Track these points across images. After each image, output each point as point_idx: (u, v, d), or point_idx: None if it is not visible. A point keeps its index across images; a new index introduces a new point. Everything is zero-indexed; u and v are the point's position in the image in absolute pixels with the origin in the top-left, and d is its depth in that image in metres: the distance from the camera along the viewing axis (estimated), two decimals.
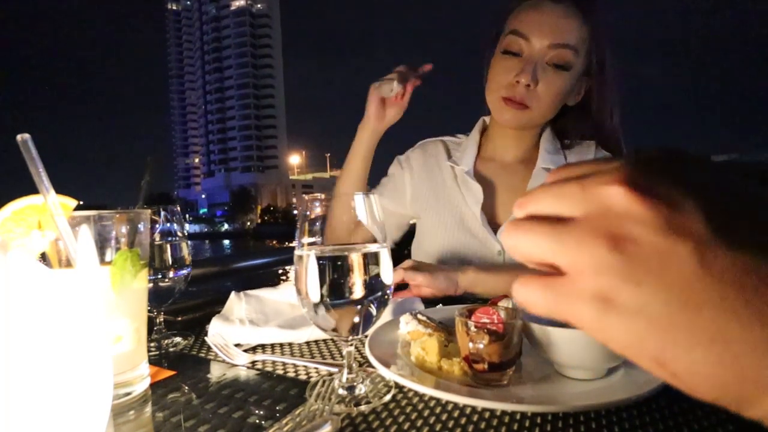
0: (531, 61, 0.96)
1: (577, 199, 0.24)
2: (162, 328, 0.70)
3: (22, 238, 0.49)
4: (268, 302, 0.74)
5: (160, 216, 0.70)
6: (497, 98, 1.02)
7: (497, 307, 0.49)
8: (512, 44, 0.99)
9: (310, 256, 0.47)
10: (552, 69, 0.97)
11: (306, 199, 0.50)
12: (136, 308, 0.51)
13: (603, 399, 0.42)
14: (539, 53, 0.96)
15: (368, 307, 0.47)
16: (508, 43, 1.00)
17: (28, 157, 0.48)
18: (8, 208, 0.50)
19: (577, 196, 0.24)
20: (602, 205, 0.23)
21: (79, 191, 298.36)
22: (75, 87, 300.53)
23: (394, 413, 0.44)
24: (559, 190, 0.25)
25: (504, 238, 0.26)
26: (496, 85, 1.02)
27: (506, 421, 0.42)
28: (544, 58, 0.96)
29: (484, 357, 0.46)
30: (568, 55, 0.96)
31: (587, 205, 0.23)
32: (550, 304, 0.24)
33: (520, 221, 0.26)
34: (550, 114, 1.03)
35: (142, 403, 0.49)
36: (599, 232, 0.22)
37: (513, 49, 0.99)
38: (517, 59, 0.98)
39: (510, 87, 0.99)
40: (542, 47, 0.96)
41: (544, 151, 1.09)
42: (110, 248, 0.49)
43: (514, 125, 1.05)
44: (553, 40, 0.95)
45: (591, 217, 0.23)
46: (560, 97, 1.01)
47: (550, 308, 0.24)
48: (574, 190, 0.24)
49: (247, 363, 0.58)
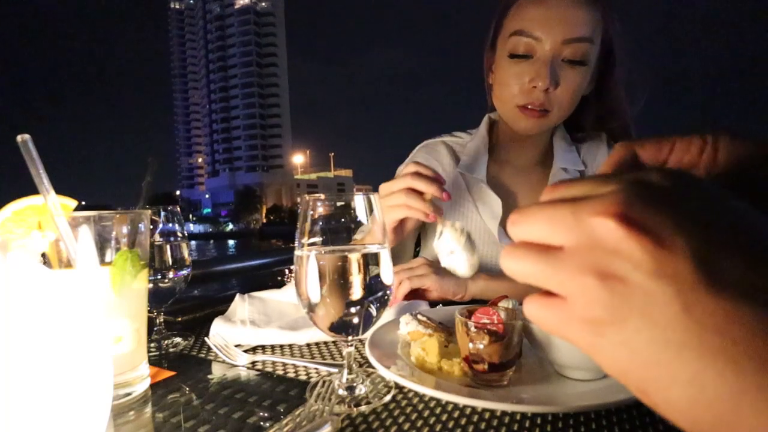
0: (545, 63, 0.86)
1: (568, 227, 0.24)
2: (162, 328, 0.70)
3: (23, 238, 0.49)
4: (271, 303, 0.74)
5: (160, 216, 0.70)
6: (512, 107, 0.93)
7: (497, 307, 0.49)
8: (519, 46, 0.89)
9: (310, 256, 0.47)
10: (568, 66, 0.87)
11: (306, 199, 0.50)
12: (136, 309, 0.51)
13: (603, 399, 0.42)
14: (552, 52, 0.86)
15: (368, 307, 0.47)
16: (515, 46, 0.89)
17: (28, 158, 0.48)
18: (8, 209, 0.50)
19: (568, 224, 0.24)
20: (593, 237, 0.23)
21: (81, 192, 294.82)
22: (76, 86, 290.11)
23: (394, 413, 0.44)
24: (552, 213, 0.25)
25: (502, 262, 0.27)
26: (509, 94, 0.92)
27: (506, 421, 0.42)
28: (559, 56, 0.87)
29: (484, 357, 0.46)
30: (584, 48, 0.86)
31: (578, 235, 0.23)
32: (552, 324, 0.25)
33: (514, 247, 0.26)
34: (570, 112, 0.95)
35: (142, 403, 0.49)
36: (589, 267, 0.23)
37: (521, 51, 0.89)
38: (527, 62, 0.89)
39: (526, 93, 0.90)
40: (555, 45, 0.86)
41: (560, 149, 1.03)
42: (110, 248, 0.49)
43: (535, 132, 0.97)
44: (566, 35, 0.85)
45: (581, 248, 0.23)
46: (580, 93, 0.92)
47: (552, 327, 0.25)
48: (566, 216, 0.24)
49: (248, 363, 0.58)
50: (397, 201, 0.73)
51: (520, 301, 0.61)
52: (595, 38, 0.87)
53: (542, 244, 0.25)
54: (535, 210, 0.26)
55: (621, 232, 0.22)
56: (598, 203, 0.23)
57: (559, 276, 0.24)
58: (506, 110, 0.95)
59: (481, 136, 1.07)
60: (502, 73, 0.93)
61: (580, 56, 0.87)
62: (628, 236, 0.21)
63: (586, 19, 0.86)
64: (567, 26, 0.85)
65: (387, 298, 0.49)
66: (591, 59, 0.89)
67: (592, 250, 0.23)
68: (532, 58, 0.88)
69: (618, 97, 0.98)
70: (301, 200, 0.50)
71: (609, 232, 0.22)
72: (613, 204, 0.22)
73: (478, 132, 1.09)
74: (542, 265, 0.25)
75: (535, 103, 0.89)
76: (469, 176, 1.03)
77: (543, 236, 0.25)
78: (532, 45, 0.87)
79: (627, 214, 0.22)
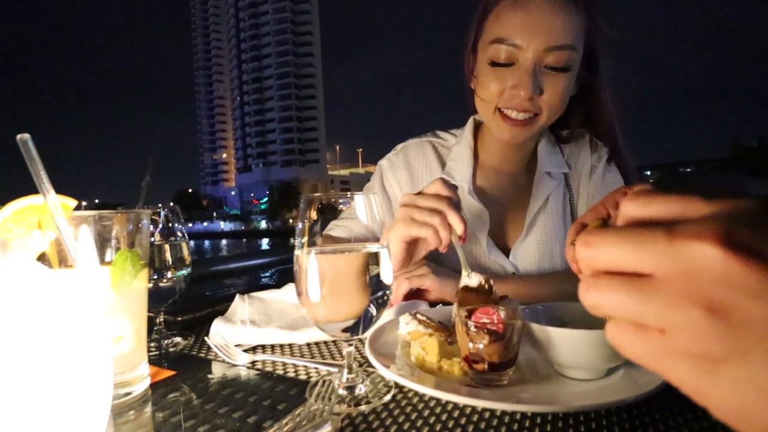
0: (527, 71, 0.83)
1: (662, 253, 0.21)
2: (162, 328, 0.70)
3: (22, 238, 0.49)
4: (271, 303, 0.74)
5: (160, 216, 0.70)
6: (494, 115, 0.89)
7: (497, 307, 0.49)
8: (500, 54, 0.84)
9: (309, 256, 0.47)
10: (551, 72, 0.84)
11: (306, 199, 0.49)
12: (136, 308, 0.51)
13: (603, 399, 0.42)
14: (535, 60, 0.82)
15: (368, 307, 0.47)
16: (495, 54, 0.85)
17: (28, 157, 0.48)
18: (8, 208, 0.50)
19: (661, 249, 0.21)
20: (694, 264, 0.20)
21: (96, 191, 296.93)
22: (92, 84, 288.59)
23: (394, 413, 0.44)
24: (640, 238, 0.22)
25: (583, 299, 0.25)
26: (491, 102, 0.88)
27: (506, 421, 0.42)
28: (542, 63, 0.83)
29: (484, 357, 0.46)
30: (567, 55, 0.83)
31: (675, 261, 0.21)
32: (646, 355, 0.23)
33: (595, 279, 0.24)
34: (559, 114, 0.90)
35: (142, 403, 0.49)
36: (693, 296, 0.20)
37: (502, 60, 0.84)
38: (509, 69, 0.85)
39: (509, 99, 0.86)
40: (537, 52, 0.82)
41: (544, 152, 1.01)
42: (110, 248, 0.49)
43: (520, 141, 0.93)
44: (549, 42, 0.81)
45: (680, 276, 0.21)
46: (567, 96, 0.89)
47: (645, 359, 0.23)
48: (658, 240, 0.21)
49: (248, 363, 0.58)
50: (426, 219, 0.67)
51: (520, 301, 0.62)
52: (577, 45, 0.84)
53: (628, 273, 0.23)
54: (615, 233, 0.23)
55: (729, 258, 0.20)
56: (698, 227, 0.21)
57: (655, 308, 0.21)
58: (489, 118, 0.92)
59: (467, 140, 1.03)
60: (484, 80, 0.89)
61: (563, 63, 0.83)
62: (737, 262, 0.19)
63: (568, 26, 0.82)
64: (549, 33, 0.81)
65: (387, 297, 0.49)
66: (574, 65, 0.86)
67: (694, 278, 0.20)
68: (513, 66, 0.85)
69: (602, 98, 0.96)
70: (302, 200, 0.50)
71: (715, 258, 0.20)
72: (715, 228, 0.20)
73: (463, 135, 1.05)
74: (636, 296, 0.22)
75: (518, 108, 0.86)
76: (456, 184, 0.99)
77: (628, 263, 0.23)
78: (514, 53, 0.84)
79: (733, 238, 0.20)
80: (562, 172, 1.01)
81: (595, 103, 0.97)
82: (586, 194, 1.01)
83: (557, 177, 1.00)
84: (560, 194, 1.00)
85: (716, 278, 0.20)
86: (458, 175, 1.00)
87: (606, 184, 1.00)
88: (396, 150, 1.11)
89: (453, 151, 1.05)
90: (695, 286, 0.20)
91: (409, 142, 1.11)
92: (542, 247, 0.96)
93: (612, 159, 1.02)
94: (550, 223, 0.98)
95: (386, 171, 1.08)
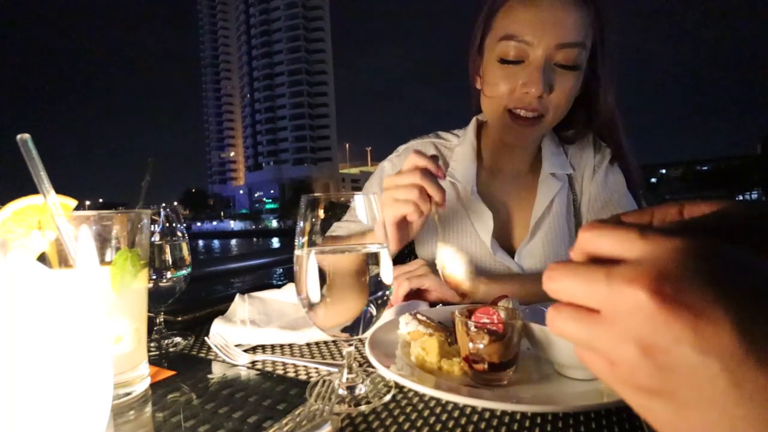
0: (537, 68, 0.83)
1: (603, 294, 0.23)
2: (162, 328, 0.70)
3: (22, 238, 0.49)
4: (271, 303, 0.74)
5: (160, 216, 0.70)
6: (502, 114, 0.89)
7: (497, 307, 0.49)
8: (510, 51, 0.84)
9: (309, 256, 0.47)
10: (561, 70, 0.84)
11: (306, 199, 0.49)
12: (136, 308, 0.51)
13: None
14: (545, 57, 0.82)
15: (368, 307, 0.47)
16: (504, 51, 0.85)
17: (28, 157, 0.48)
18: (8, 208, 0.50)
19: (603, 291, 0.23)
20: (628, 307, 0.22)
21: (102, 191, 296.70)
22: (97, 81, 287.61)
23: (394, 413, 0.44)
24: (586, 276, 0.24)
25: (548, 321, 0.27)
26: (500, 100, 0.88)
27: (506, 421, 0.42)
28: (552, 60, 0.83)
29: (484, 357, 0.46)
30: (577, 53, 0.83)
31: (614, 302, 0.23)
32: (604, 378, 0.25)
33: (559, 309, 0.26)
34: (564, 115, 0.91)
35: (142, 403, 0.49)
36: (629, 335, 0.22)
37: (512, 56, 0.84)
38: (518, 66, 0.85)
39: (518, 98, 0.86)
40: (548, 49, 0.82)
41: (548, 153, 1.01)
42: (110, 248, 0.49)
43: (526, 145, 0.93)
44: (560, 39, 0.81)
45: (618, 316, 0.23)
46: (574, 96, 0.89)
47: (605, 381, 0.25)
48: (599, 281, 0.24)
49: (248, 363, 0.58)
50: (404, 195, 0.69)
51: (521, 301, 0.62)
52: (586, 42, 0.85)
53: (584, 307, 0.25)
54: (571, 270, 0.25)
55: (655, 304, 0.21)
56: (631, 271, 0.22)
57: (602, 341, 0.24)
58: (496, 118, 0.91)
59: (470, 141, 1.03)
60: (492, 78, 0.88)
61: (573, 61, 0.83)
62: (662, 309, 0.21)
63: (578, 23, 0.82)
64: (560, 30, 0.81)
65: (387, 297, 0.49)
66: (582, 63, 0.86)
67: (630, 318, 0.22)
68: (523, 63, 0.85)
69: (605, 99, 0.96)
70: (301, 200, 0.50)
71: (643, 303, 0.21)
72: (645, 274, 0.22)
73: (465, 135, 1.05)
74: (585, 330, 0.24)
75: (528, 108, 0.86)
76: (460, 185, 1.00)
77: (579, 298, 0.25)
78: (524, 50, 0.83)
79: (661, 287, 0.21)
80: (566, 174, 1.02)
81: (598, 104, 0.97)
82: (588, 194, 1.01)
83: (561, 178, 1.01)
84: (564, 195, 1.00)
85: (646, 322, 0.22)
86: (461, 176, 0.99)
87: (608, 184, 1.00)
88: (398, 151, 1.11)
89: (456, 152, 1.05)
90: (631, 326, 0.22)
91: (412, 143, 1.11)
92: (548, 248, 0.96)
93: (615, 159, 1.02)
94: (555, 225, 0.98)
95: (387, 172, 1.07)
